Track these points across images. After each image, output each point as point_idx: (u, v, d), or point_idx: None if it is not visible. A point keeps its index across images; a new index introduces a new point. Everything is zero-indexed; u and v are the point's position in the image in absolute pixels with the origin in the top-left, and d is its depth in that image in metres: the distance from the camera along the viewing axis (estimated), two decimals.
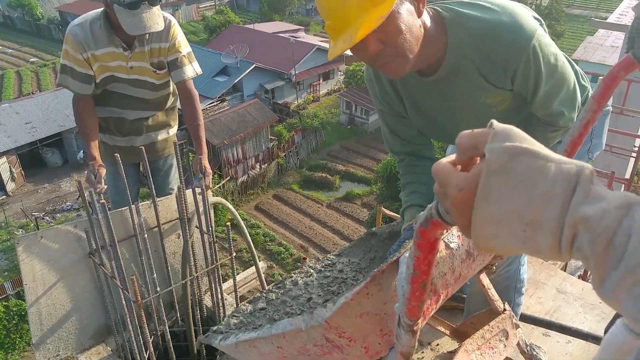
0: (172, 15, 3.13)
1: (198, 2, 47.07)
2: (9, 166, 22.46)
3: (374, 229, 2.03)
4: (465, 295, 2.37)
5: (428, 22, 1.52)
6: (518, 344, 1.73)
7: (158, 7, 2.75)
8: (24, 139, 23.03)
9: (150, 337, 2.69)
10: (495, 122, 0.65)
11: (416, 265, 0.88)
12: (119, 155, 2.48)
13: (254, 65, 26.98)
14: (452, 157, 0.71)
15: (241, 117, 23.05)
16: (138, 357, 2.61)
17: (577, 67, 1.85)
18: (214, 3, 47.97)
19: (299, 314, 1.25)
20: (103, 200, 2.41)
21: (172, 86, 3.21)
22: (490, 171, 0.62)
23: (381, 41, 1.42)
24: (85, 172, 2.79)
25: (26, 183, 23.23)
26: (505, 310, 1.65)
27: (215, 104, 25.99)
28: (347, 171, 24.21)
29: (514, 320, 1.69)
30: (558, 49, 1.61)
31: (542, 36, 1.52)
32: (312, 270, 1.78)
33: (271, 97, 28.33)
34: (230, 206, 3.03)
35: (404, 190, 1.91)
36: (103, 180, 2.76)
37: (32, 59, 36.98)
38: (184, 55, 2.98)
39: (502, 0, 1.56)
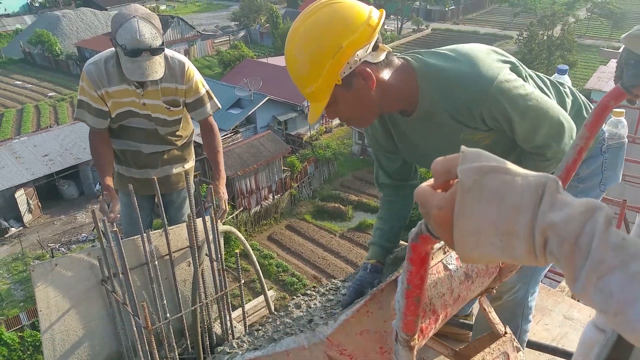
0: (188, 50, 3.24)
1: (213, 38, 48.11)
2: (27, 198, 22.83)
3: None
4: (469, 322, 2.39)
5: (394, 78, 1.66)
6: None
7: (161, 55, 2.79)
8: (41, 171, 23.45)
9: None
10: (464, 147, 0.73)
11: (410, 280, 0.93)
12: (132, 187, 2.56)
13: (267, 98, 27.40)
14: (431, 181, 0.78)
15: (254, 149, 23.30)
16: None
17: (581, 99, 1.93)
18: (228, 38, 49.00)
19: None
20: (115, 229, 2.50)
21: (187, 122, 3.30)
22: (464, 189, 0.69)
23: (333, 112, 1.68)
24: (99, 201, 2.87)
25: (43, 214, 23.55)
26: (506, 333, 1.68)
27: (228, 135, 26.33)
28: (360, 201, 24.22)
29: (515, 343, 1.71)
30: (532, 88, 1.67)
31: (505, 82, 1.59)
32: (315, 294, 1.83)
33: (284, 128, 28.65)
34: (239, 234, 3.09)
35: (374, 224, 2.11)
36: (116, 209, 2.84)
37: (50, 94, 37.90)
38: (204, 95, 3.08)
39: (467, 48, 1.69)
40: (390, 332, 1.17)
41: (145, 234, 2.71)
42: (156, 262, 2.69)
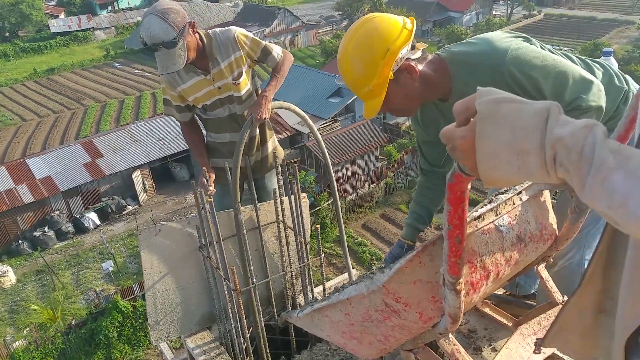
0: (292, 41, 3.33)
1: (317, 28, 48.86)
2: (142, 179, 24.72)
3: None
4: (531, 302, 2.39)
5: (430, 68, 1.97)
6: None
7: (180, 47, 2.80)
8: (156, 154, 25.24)
9: (249, 329, 2.97)
10: (479, 87, 0.87)
11: (450, 220, 1.03)
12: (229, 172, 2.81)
13: None
14: (454, 124, 0.92)
15: (352, 137, 23.51)
16: (237, 344, 2.90)
17: (613, 70, 2.04)
18: (331, 28, 49.53)
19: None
20: (211, 199, 2.75)
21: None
22: (482, 117, 0.84)
23: (386, 106, 1.98)
24: (200, 176, 3.11)
25: (156, 194, 25.38)
26: (563, 301, 1.70)
27: (328, 124, 26.75)
28: None
29: None
30: (548, 53, 1.89)
31: (518, 48, 1.85)
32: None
33: (382, 117, 28.58)
34: (301, 111, 3.21)
35: (410, 205, 2.49)
36: (213, 185, 3.09)
37: None
38: (264, 48, 3.14)
39: (485, 33, 2.05)
40: (441, 283, 1.26)
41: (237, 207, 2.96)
42: (244, 232, 2.92)
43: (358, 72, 1.90)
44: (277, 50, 3.20)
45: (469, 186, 1.00)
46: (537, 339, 1.33)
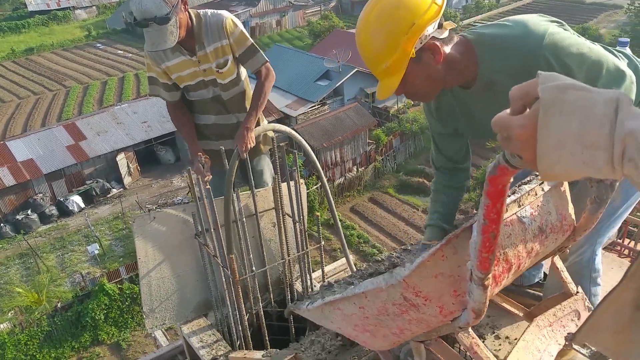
0: (279, 21, 3.22)
1: (304, 8, 48.31)
2: (127, 162, 24.45)
3: (455, 221, 2.12)
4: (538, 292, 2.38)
5: (456, 51, 1.80)
6: None
7: (171, 24, 2.70)
8: (140, 136, 24.93)
9: (246, 315, 2.92)
10: (540, 71, 0.80)
11: (486, 215, 0.97)
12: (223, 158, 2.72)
13: (356, 70, 27.28)
14: (507, 111, 0.84)
15: (340, 121, 23.42)
16: (234, 331, 2.86)
17: (635, 60, 1.95)
18: (319, 9, 49.00)
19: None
20: (208, 186, 2.68)
21: (245, 85, 3.25)
22: (546, 105, 0.76)
23: (403, 87, 1.80)
24: (196, 162, 3.02)
25: (141, 177, 25.14)
26: (578, 292, 1.68)
27: (316, 107, 26.59)
28: None
29: (586, 303, 1.70)
30: (584, 40, 1.75)
31: (555, 34, 1.70)
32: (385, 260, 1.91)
33: (371, 100, 28.49)
34: (296, 135, 3.14)
35: (430, 206, 2.28)
36: (210, 171, 3.01)
37: None
38: (252, 44, 3.02)
39: (517, 16, 1.84)
40: (463, 277, 1.22)
41: (234, 193, 2.89)
42: (244, 219, 2.86)
43: (377, 45, 1.72)
44: (261, 59, 3.06)
45: (511, 179, 0.94)
46: (568, 333, 1.30)
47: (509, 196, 1.34)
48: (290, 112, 25.98)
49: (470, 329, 1.34)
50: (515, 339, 2.13)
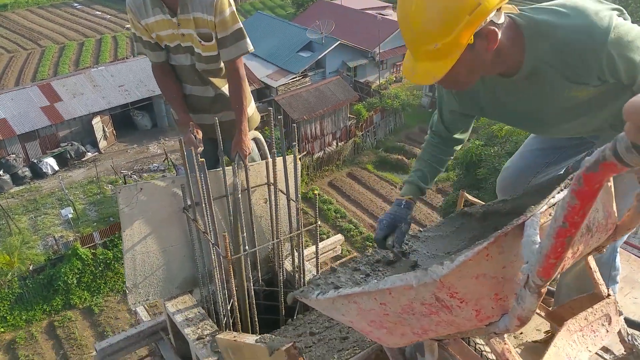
0: None
1: None
2: (102, 125, 23.88)
3: (466, 208, 2.03)
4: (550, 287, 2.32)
5: (505, 37, 1.56)
6: (619, 332, 1.67)
7: None
8: (117, 100, 24.32)
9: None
10: None
11: (569, 216, 0.84)
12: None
13: (339, 42, 26.92)
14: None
15: (322, 94, 23.16)
16: (221, 309, 2.76)
17: None
18: None
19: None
20: (202, 159, 2.55)
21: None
22: None
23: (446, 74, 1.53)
24: (185, 133, 2.85)
25: (117, 142, 24.61)
26: (609, 295, 1.61)
27: (297, 79, 26.24)
28: None
29: (617, 307, 1.63)
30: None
31: (619, 26, 1.51)
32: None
33: (353, 75, 28.23)
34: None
35: (415, 163, 2.21)
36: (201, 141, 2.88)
37: (128, 25, 38.56)
38: (233, 33, 2.82)
39: (575, 1, 1.58)
40: (508, 279, 1.11)
41: (229, 167, 2.76)
42: (239, 194, 2.74)
43: (431, 21, 1.44)
44: (242, 47, 2.87)
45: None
46: None
47: (561, 191, 1.22)
48: (271, 82, 25.58)
49: (505, 335, 1.25)
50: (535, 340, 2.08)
